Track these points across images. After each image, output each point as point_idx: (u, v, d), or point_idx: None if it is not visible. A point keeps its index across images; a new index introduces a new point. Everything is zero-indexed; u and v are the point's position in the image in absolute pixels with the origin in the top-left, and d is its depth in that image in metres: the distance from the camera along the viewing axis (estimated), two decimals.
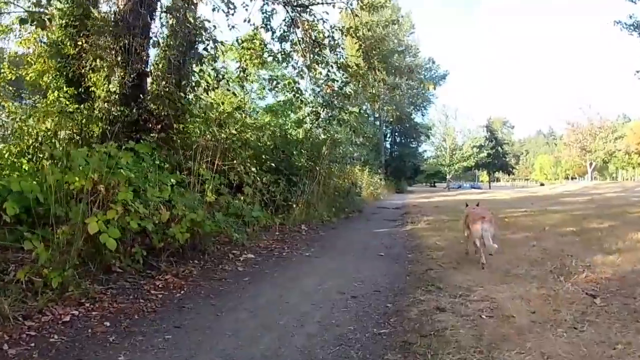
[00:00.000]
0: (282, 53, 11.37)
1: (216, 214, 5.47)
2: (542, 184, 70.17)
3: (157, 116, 8.38)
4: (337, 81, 12.04)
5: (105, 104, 8.29)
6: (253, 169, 8.95)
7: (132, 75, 8.16)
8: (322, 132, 14.66)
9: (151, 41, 8.78)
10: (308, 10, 10.53)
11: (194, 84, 10.20)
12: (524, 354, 2.65)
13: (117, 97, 8.15)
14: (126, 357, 2.68)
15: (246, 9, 9.89)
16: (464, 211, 6.29)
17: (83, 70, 8.31)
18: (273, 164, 10.55)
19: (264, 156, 10.66)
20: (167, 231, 5.12)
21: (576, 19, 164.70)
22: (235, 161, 9.14)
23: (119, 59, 8.17)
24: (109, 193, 4.45)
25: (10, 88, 9.34)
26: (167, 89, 8.43)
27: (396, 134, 51.17)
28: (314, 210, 10.16)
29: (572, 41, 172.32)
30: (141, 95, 8.31)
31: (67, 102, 8.23)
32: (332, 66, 11.40)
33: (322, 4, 10.74)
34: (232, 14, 9.30)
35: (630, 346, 2.71)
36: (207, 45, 11.00)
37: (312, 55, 11.02)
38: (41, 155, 7.17)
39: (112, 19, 8.28)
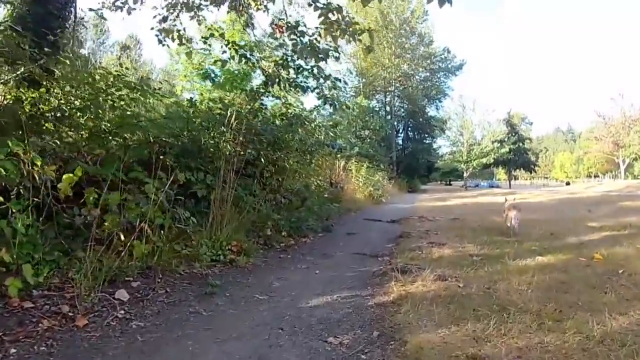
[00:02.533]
0: None
1: None
2: (567, 183, 62.61)
3: None
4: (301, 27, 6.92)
5: None
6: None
7: None
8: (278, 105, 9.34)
9: None
10: None
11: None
12: None
13: None
14: None
15: None
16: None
17: None
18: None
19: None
20: None
21: (593, 15, 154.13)
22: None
23: None
24: None
25: None
26: None
27: (409, 128, 44.99)
28: (201, 240, 4.66)
29: (592, 35, 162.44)
30: None
31: None
32: None
33: None
34: None
35: None
36: None
37: None
38: None
39: None
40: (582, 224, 8.53)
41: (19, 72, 4.66)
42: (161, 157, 5.58)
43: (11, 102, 4.70)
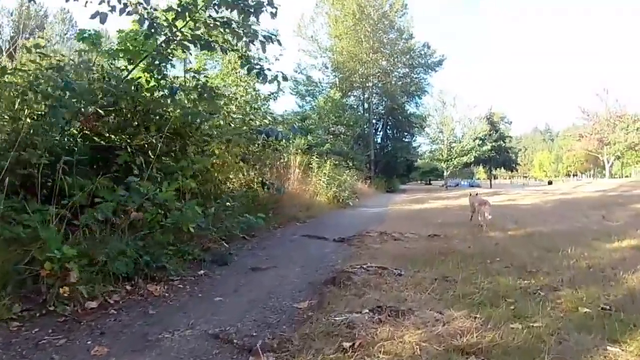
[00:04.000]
0: None
1: None
2: (550, 182, 60.70)
3: None
4: None
5: None
6: None
7: None
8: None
9: None
10: None
11: None
12: None
13: None
14: None
15: None
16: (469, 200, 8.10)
17: None
18: None
19: None
20: None
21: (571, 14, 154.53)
22: None
23: None
24: None
25: None
26: None
27: (388, 126, 42.13)
28: None
29: (568, 35, 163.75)
30: None
31: None
32: None
33: None
34: None
35: None
36: None
37: None
38: None
39: None
40: (615, 241, 5.70)
41: None
42: None
43: None
